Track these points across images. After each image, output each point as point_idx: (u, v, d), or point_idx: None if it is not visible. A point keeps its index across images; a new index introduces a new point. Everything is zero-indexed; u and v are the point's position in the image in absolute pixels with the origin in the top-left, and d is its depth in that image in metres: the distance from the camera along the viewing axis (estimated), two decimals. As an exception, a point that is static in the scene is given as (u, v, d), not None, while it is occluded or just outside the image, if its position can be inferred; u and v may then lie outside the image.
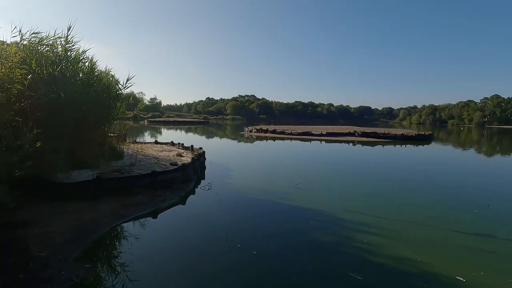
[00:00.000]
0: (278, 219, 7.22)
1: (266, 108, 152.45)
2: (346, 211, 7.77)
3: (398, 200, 9.09)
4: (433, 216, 7.52)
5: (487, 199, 9.27)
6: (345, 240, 5.99)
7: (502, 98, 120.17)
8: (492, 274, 4.78)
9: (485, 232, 6.56)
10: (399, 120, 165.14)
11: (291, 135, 34.94)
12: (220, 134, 42.06)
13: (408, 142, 30.34)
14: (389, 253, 5.42)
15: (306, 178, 11.92)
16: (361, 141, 30.24)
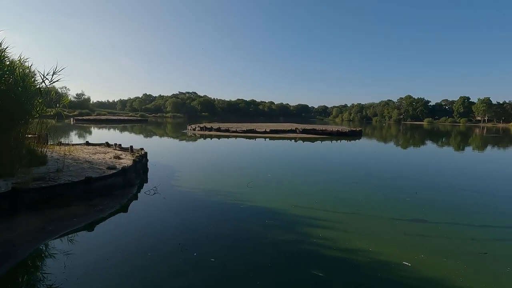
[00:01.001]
0: (234, 221, 6.95)
1: (208, 106, 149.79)
2: (299, 207, 7.94)
3: (344, 194, 9.68)
4: (375, 207, 8.18)
5: (414, 187, 10.58)
6: (302, 237, 6.06)
7: (413, 98, 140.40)
8: (430, 255, 5.36)
9: (418, 217, 7.39)
10: (333, 118, 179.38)
11: (236, 133, 34.88)
12: (161, 133, 39.66)
13: (343, 138, 33.12)
14: (344, 246, 5.66)
15: (257, 176, 11.90)
16: (302, 138, 31.85)
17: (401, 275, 4.67)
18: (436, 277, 4.64)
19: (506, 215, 7.85)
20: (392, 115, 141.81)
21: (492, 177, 13.79)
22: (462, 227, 6.90)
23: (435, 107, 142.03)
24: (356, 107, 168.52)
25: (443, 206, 8.45)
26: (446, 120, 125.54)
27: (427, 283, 4.47)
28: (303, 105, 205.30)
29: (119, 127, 48.25)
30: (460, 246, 5.83)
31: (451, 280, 4.55)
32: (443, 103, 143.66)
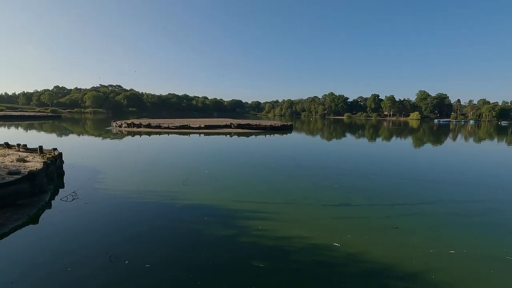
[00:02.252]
0: (170, 222, 6.57)
1: (136, 101, 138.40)
2: (238, 201, 7.97)
3: (280, 185, 10.11)
4: (308, 195, 8.77)
5: (339, 175, 11.71)
6: (242, 231, 6.09)
7: (335, 95, 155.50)
8: (355, 234, 6.00)
9: (344, 202, 8.21)
10: (265, 113, 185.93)
11: (169, 129, 33.15)
12: (79, 130, 34.96)
13: (276, 132, 34.63)
14: (281, 234, 5.90)
15: (193, 173, 11.50)
16: (237, 132, 32.15)
17: (332, 255, 5.11)
18: (360, 252, 5.21)
19: (411, 195, 9.31)
20: (318, 110, 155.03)
21: (399, 163, 16.24)
22: (379, 207, 7.93)
23: (352, 103, 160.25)
24: (287, 102, 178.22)
25: (363, 190, 9.58)
26: (361, 114, 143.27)
27: (353, 259, 4.99)
28: (237, 101, 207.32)
29: (23, 124, 40.79)
30: (377, 224, 6.68)
31: (372, 253, 5.18)
32: (359, 100, 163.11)
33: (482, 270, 4.76)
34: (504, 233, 6.35)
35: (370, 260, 4.97)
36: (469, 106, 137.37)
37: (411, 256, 5.14)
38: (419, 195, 9.25)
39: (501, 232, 6.39)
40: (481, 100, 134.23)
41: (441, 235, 6.13)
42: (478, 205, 8.42)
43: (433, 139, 33.25)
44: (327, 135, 36.35)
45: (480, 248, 5.53)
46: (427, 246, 5.55)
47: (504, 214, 7.66)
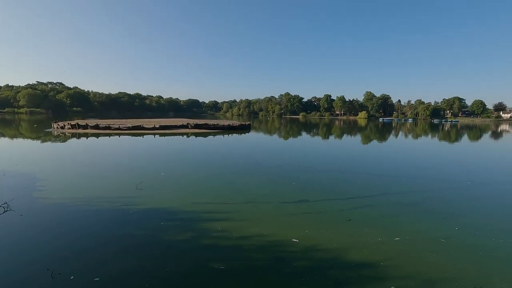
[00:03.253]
0: (122, 229, 6.13)
1: (82, 100, 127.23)
2: (197, 203, 7.75)
3: (240, 184, 10.09)
4: (267, 193, 8.90)
5: (297, 172, 12.09)
6: (201, 233, 5.93)
7: (291, 95, 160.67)
8: (312, 229, 6.24)
9: (302, 198, 8.49)
10: (223, 112, 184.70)
11: (120, 130, 31.07)
12: (12, 133, 30.90)
13: (234, 132, 34.60)
14: (241, 234, 5.88)
15: (148, 176, 10.90)
16: (194, 133, 31.40)
17: (291, 251, 5.24)
18: (317, 246, 5.43)
19: (362, 188, 9.97)
20: (275, 109, 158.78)
21: (351, 159, 17.33)
22: (334, 201, 8.35)
23: (307, 103, 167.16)
24: (245, 102, 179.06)
25: (319, 186, 10.02)
26: (315, 114, 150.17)
27: (311, 253, 5.18)
28: (193, 100, 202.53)
29: None
30: (333, 217, 7.03)
31: (328, 245, 5.44)
32: (313, 100, 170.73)
33: (422, 253, 5.29)
34: (438, 218, 7.14)
35: (326, 252, 5.20)
36: (408, 106, 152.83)
37: (362, 245, 5.51)
38: (369, 188, 9.96)
39: (436, 218, 7.17)
40: (417, 100, 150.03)
41: (388, 224, 6.67)
42: (418, 194, 9.34)
43: (379, 136, 36.21)
44: (284, 134, 37.33)
45: (420, 234, 6.14)
46: (376, 235, 5.99)
47: (438, 201, 8.62)
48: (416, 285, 4.28)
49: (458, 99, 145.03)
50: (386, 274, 4.54)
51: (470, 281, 4.40)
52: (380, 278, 4.42)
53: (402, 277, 4.45)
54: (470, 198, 9.12)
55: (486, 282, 4.40)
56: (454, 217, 7.23)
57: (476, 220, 7.08)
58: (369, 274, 4.52)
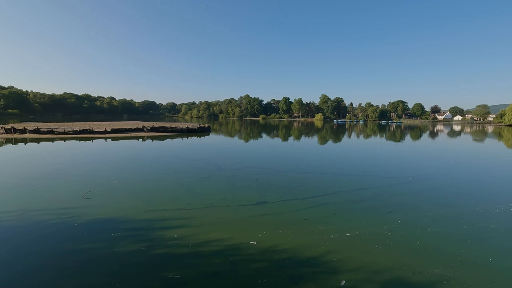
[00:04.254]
0: (65, 244, 5.60)
1: (19, 101, 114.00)
2: (152, 211, 7.41)
3: (198, 189, 9.86)
4: (226, 197, 8.85)
5: (256, 174, 12.21)
6: (155, 242, 5.68)
7: (251, 98, 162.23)
8: (270, 230, 6.35)
9: (260, 200, 8.60)
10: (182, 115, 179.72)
11: (65, 134, 28.45)
12: None
13: (193, 134, 33.84)
14: (199, 240, 5.76)
15: (98, 184, 10.13)
16: (151, 136, 30.03)
17: (249, 253, 5.27)
18: (274, 246, 5.54)
19: (318, 187, 10.42)
20: (235, 112, 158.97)
21: (308, 159, 17.99)
22: (291, 202, 8.60)
23: (267, 105, 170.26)
24: (204, 104, 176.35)
25: (277, 187, 10.23)
26: (275, 116, 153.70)
27: (269, 254, 5.26)
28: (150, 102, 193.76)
29: None
30: (290, 218, 7.24)
31: (285, 245, 5.58)
32: (272, 102, 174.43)
33: (369, 246, 5.70)
34: (384, 213, 7.77)
35: (283, 252, 5.33)
36: (359, 108, 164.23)
37: (317, 243, 5.76)
38: (324, 187, 10.45)
39: (383, 212, 7.79)
40: (367, 103, 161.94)
41: (340, 221, 7.06)
42: (367, 191, 10.05)
43: (334, 137, 38.24)
44: (245, 136, 37.51)
45: (368, 228, 6.61)
46: (329, 232, 6.31)
47: (384, 197, 9.37)
48: (364, 277, 4.59)
49: (401, 102, 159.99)
50: (337, 268, 4.80)
51: (409, 268, 4.86)
52: (332, 272, 4.66)
53: (352, 270, 4.75)
54: (411, 192, 10.06)
55: (423, 268, 4.89)
56: (397, 211, 7.92)
57: (416, 212, 7.84)
58: (322, 270, 4.73)
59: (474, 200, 9.21)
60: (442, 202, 8.86)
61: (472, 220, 7.28)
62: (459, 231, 6.55)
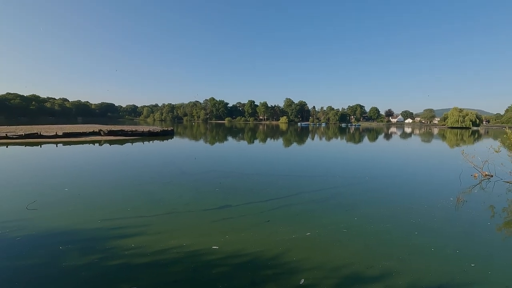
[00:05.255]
0: (6, 261, 5.04)
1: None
2: (107, 220, 6.98)
3: (160, 195, 9.49)
4: (189, 202, 8.63)
5: (220, 178, 12.11)
6: (111, 253, 5.35)
7: (216, 100, 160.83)
8: (233, 234, 6.33)
9: (224, 204, 8.53)
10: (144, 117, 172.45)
11: (8, 139, 25.70)
12: None
13: (155, 138, 32.59)
14: (158, 248, 5.54)
15: (46, 193, 9.27)
16: (109, 140, 28.34)
17: (211, 258, 5.20)
18: (237, 250, 5.53)
19: (281, 189, 10.61)
20: (200, 115, 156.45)
21: (272, 161, 18.28)
22: (255, 204, 8.65)
23: (232, 108, 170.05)
24: (167, 107, 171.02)
25: (242, 190, 10.24)
26: (240, 119, 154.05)
27: (231, 258, 5.24)
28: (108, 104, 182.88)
29: None
30: (253, 220, 7.28)
31: (247, 248, 5.60)
32: (238, 105, 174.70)
33: (328, 244, 5.95)
34: (342, 211, 8.16)
35: (245, 255, 5.35)
36: (321, 112, 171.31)
37: (278, 244, 5.87)
38: (287, 188, 10.69)
39: (341, 211, 8.18)
40: (329, 107, 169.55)
41: (302, 221, 7.27)
42: (328, 191, 10.48)
43: (298, 140, 39.35)
44: (210, 139, 37.02)
45: (327, 226, 6.90)
46: (291, 232, 6.47)
47: (343, 195, 9.85)
48: (322, 274, 4.78)
49: (359, 106, 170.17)
50: (297, 268, 4.93)
51: (363, 263, 5.16)
52: (292, 272, 4.78)
53: (311, 269, 4.91)
54: (368, 190, 10.70)
55: (375, 262, 5.22)
56: (354, 209, 8.37)
57: (371, 209, 8.35)
58: (282, 271, 4.83)
59: (421, 196, 10.08)
60: (394, 199, 9.56)
61: (419, 214, 7.96)
62: (408, 225, 7.12)
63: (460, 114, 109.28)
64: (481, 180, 12.87)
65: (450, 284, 4.57)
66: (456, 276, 4.80)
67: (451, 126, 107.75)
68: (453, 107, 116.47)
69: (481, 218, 7.89)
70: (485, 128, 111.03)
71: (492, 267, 5.15)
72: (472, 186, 11.66)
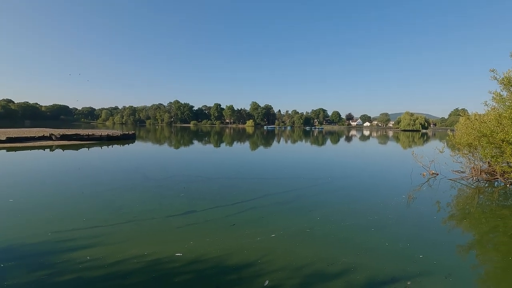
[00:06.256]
0: None
1: None
2: (59, 232, 6.44)
3: (121, 202, 8.98)
4: (152, 209, 8.29)
5: (184, 183, 11.81)
6: (62, 267, 4.94)
7: (181, 103, 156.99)
8: (197, 240, 6.21)
9: (189, 209, 8.33)
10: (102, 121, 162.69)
11: None
12: None
13: (115, 142, 30.85)
14: (116, 259, 5.24)
15: (-17, 205, 8.29)
16: (61, 145, 26.21)
17: (174, 266, 5.05)
18: (201, 256, 5.44)
19: (247, 192, 10.63)
20: (164, 118, 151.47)
21: (239, 165, 18.26)
22: (221, 208, 8.58)
23: (198, 112, 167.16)
24: (128, 109, 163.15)
25: (207, 195, 10.09)
26: (206, 122, 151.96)
27: (195, 265, 5.13)
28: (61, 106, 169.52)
29: None
30: (218, 225, 7.21)
31: (212, 253, 5.53)
32: (203, 108, 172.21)
33: (292, 244, 6.10)
34: (306, 212, 8.43)
35: (209, 261, 5.27)
36: (286, 115, 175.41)
37: (244, 247, 5.88)
38: (254, 191, 10.75)
39: (305, 212, 8.44)
40: (293, 110, 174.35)
41: (267, 223, 7.36)
42: (293, 193, 10.75)
43: (264, 143, 39.82)
44: (175, 143, 35.95)
45: (291, 228, 7.07)
46: (256, 235, 6.52)
47: (307, 197, 10.18)
48: (286, 274, 4.88)
49: (322, 110, 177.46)
50: (262, 270, 4.98)
51: (324, 261, 5.37)
52: (257, 275, 4.82)
53: (276, 270, 4.99)
54: (329, 191, 11.17)
55: (335, 259, 5.47)
56: (317, 209, 8.68)
57: (332, 209, 8.74)
58: (247, 274, 4.85)
59: (377, 194, 10.77)
60: (353, 199, 10.10)
61: (375, 212, 8.50)
62: (365, 223, 7.56)
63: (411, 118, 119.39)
64: (429, 178, 14.12)
65: (402, 275, 4.94)
66: (407, 268, 5.21)
67: (404, 129, 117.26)
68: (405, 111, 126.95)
69: (429, 213, 8.65)
70: (433, 131, 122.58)
71: (437, 257, 5.67)
72: (421, 184, 12.75)
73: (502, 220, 8.10)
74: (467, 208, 9.39)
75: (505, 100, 11.92)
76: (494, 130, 11.63)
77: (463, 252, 6.03)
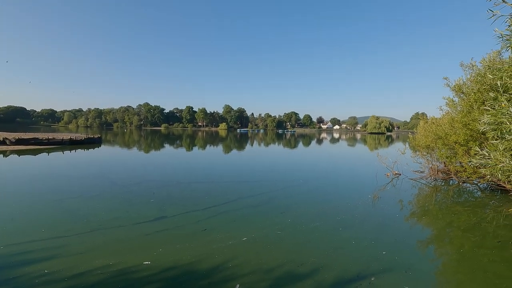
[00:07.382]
0: None
1: None
2: (13, 245, 5.94)
3: (85, 210, 8.48)
4: (119, 216, 7.94)
5: (154, 188, 11.46)
6: (15, 283, 4.55)
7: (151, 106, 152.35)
8: (167, 247, 6.05)
9: (159, 215, 8.09)
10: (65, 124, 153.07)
11: None
12: None
13: (78, 147, 29.16)
14: (78, 271, 4.95)
15: None
16: (17, 150, 24.24)
17: (141, 275, 4.87)
18: (171, 263, 5.31)
19: (219, 196, 10.54)
20: (133, 121, 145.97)
21: (211, 168, 18.05)
22: (192, 213, 8.43)
23: (169, 114, 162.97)
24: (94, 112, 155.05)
25: (179, 200, 9.87)
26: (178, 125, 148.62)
27: (163, 273, 4.99)
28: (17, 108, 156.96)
29: None
30: (189, 230, 7.08)
31: (182, 259, 5.42)
32: (175, 111, 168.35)
33: (263, 247, 6.16)
34: (277, 213, 8.55)
35: (180, 267, 5.16)
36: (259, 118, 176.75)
37: (215, 252, 5.83)
38: (226, 195, 10.70)
39: (276, 213, 8.56)
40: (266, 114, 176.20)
41: (239, 227, 7.36)
42: (265, 195, 10.85)
43: (237, 146, 39.76)
44: (144, 148, 34.70)
45: (263, 230, 7.14)
46: (227, 239, 6.49)
47: (279, 199, 10.33)
48: (258, 277, 4.92)
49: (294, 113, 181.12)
50: (233, 274, 4.98)
51: (295, 262, 5.49)
52: (228, 279, 4.80)
53: (247, 273, 5.01)
54: (301, 193, 11.43)
55: (305, 259, 5.61)
56: (288, 211, 8.85)
57: (303, 210, 8.95)
58: (218, 279, 4.81)
59: (345, 195, 11.22)
60: (323, 199, 10.42)
61: (343, 212, 8.84)
62: (333, 222, 7.84)
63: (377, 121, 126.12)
64: (392, 178, 14.98)
65: (367, 272, 5.19)
66: (371, 264, 5.48)
67: (370, 132, 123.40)
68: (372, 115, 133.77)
69: (392, 211, 9.18)
70: (397, 133, 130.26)
71: (399, 253, 6.03)
72: (386, 184, 13.49)
73: (456, 216, 8.81)
74: (426, 206, 10.09)
75: (456, 105, 13.02)
76: (448, 133, 12.65)
77: (422, 247, 6.47)
